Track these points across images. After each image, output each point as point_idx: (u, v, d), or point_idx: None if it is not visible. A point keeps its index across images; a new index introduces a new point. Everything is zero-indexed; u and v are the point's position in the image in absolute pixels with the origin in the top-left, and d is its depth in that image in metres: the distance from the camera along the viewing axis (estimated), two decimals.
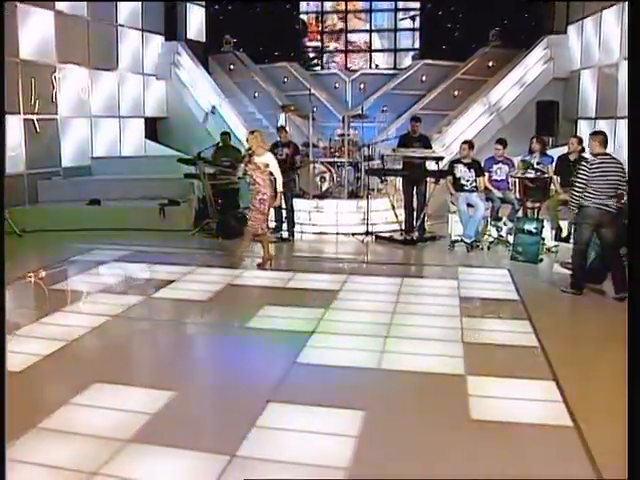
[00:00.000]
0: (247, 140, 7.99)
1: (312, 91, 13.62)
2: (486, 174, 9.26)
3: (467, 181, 9.22)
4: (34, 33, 11.24)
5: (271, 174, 7.88)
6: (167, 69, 14.72)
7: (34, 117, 11.30)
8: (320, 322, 5.81)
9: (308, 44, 16.75)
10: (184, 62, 14.66)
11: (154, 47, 14.68)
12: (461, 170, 9.24)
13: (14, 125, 10.89)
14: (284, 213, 10.48)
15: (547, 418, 3.95)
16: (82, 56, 12.34)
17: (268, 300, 6.57)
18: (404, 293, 6.95)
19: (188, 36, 15.86)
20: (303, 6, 16.27)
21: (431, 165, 9.77)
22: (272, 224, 10.69)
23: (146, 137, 14.45)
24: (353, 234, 10.30)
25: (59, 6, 11.72)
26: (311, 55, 16.44)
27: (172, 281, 7.30)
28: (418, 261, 9.00)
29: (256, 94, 14.91)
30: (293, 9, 15.86)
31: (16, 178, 10.93)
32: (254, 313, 6.06)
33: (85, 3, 12.31)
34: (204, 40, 16.46)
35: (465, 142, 9.50)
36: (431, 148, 10.24)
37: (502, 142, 9.39)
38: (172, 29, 15.30)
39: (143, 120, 14.47)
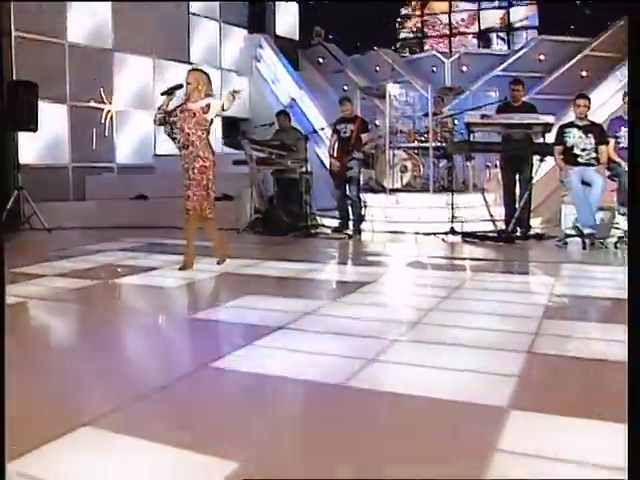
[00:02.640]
0: (186, 80, 5.18)
1: (406, 77, 11.75)
2: (611, 140, 6.65)
3: (583, 150, 6.67)
4: (86, 15, 10.23)
5: (206, 130, 5.13)
6: (249, 64, 13.34)
7: (82, 106, 10.21)
8: (304, 316, 3.71)
9: (404, 28, 14.77)
10: (266, 55, 13.21)
11: (235, 40, 13.39)
12: (575, 135, 6.71)
13: (58, 114, 9.84)
14: (350, 209, 8.43)
15: None
16: (145, 44, 11.18)
17: (257, 289, 4.56)
18: (465, 288, 4.66)
19: (277, 32, 14.53)
20: None
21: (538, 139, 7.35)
22: (335, 222, 8.69)
23: (224, 138, 13.06)
24: (435, 233, 8.02)
25: None
26: (408, 40, 14.40)
27: (156, 268, 5.52)
28: (507, 257, 6.52)
29: (345, 87, 13.10)
30: None
31: (58, 171, 9.85)
32: (220, 303, 4.10)
33: None
34: (297, 38, 15.06)
35: (580, 96, 6.94)
36: None
37: None
38: (258, 23, 13.96)
39: (220, 119, 13.10)
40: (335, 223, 8.80)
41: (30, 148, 9.35)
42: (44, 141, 9.55)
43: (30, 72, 8.91)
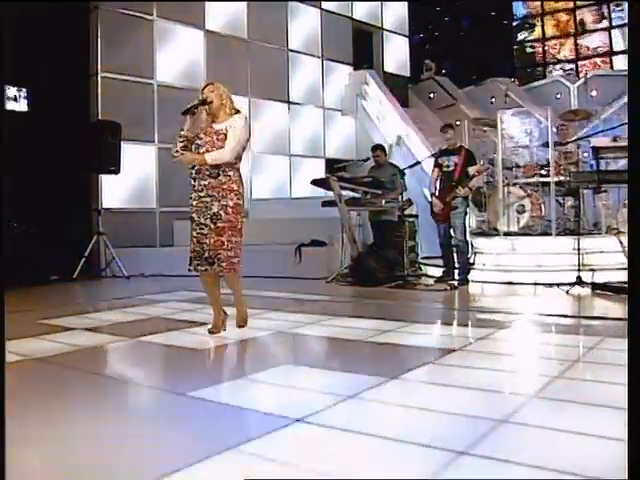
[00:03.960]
0: (203, 92, 4.18)
1: (522, 105, 10.44)
2: None
3: None
4: (177, 54, 9.90)
5: (240, 158, 4.16)
6: (354, 102, 12.55)
7: (171, 149, 9.75)
8: (341, 403, 2.60)
9: (524, 55, 13.39)
10: (371, 92, 12.37)
11: (339, 78, 12.68)
12: None
13: (146, 155, 9.46)
14: (455, 255, 7.21)
15: None
16: (240, 83, 10.67)
17: (302, 357, 3.53)
18: (589, 362, 3.35)
19: (386, 68, 13.73)
20: (519, 9, 13.00)
21: None
22: (438, 270, 7.47)
23: None
24: (558, 284, 6.61)
25: (211, 25, 10.33)
26: (528, 68, 13.01)
27: (205, 323, 4.62)
28: None
29: (458, 122, 11.93)
30: (505, 17, 12.74)
31: (144, 215, 9.40)
32: (243, 375, 3.09)
33: (245, 23, 10.81)
34: (407, 73, 14.18)
35: None
36: None
37: None
38: (365, 59, 13.24)
39: (323, 161, 12.35)
40: (440, 272, 7.61)
41: (115, 191, 9.00)
42: (130, 184, 9.17)
43: (117, 113, 8.60)
